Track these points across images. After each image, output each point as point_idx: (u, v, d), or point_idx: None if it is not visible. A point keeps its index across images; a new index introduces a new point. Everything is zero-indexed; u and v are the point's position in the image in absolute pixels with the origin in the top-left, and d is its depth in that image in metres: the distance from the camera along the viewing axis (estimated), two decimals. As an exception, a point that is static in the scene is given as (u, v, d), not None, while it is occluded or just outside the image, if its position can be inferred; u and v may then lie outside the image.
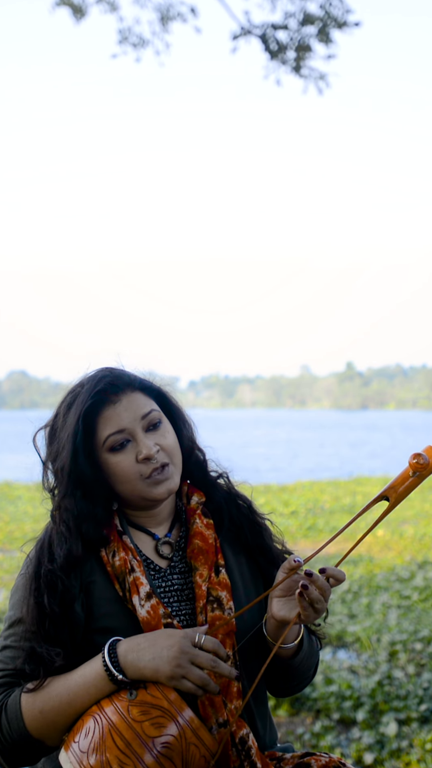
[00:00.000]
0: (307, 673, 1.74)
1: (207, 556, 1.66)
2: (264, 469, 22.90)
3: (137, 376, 1.70)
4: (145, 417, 1.64)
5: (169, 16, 8.10)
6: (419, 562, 7.67)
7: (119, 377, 1.67)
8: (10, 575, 7.44)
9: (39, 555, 1.62)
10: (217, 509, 1.74)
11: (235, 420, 76.25)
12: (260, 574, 1.74)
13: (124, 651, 1.49)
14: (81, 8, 7.86)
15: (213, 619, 1.60)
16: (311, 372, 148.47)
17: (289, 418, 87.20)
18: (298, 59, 7.47)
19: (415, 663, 4.53)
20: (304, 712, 3.94)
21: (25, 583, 1.60)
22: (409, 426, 61.39)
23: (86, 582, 1.60)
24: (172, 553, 1.69)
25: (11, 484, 16.60)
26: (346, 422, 74.08)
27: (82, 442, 1.62)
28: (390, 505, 1.58)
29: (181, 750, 1.42)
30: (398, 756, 3.38)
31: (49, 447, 1.69)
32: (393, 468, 22.53)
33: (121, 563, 1.60)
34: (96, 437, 1.63)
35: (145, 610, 1.56)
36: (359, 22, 7.43)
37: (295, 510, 11.65)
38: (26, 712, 1.51)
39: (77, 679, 1.50)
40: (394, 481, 1.59)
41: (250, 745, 1.56)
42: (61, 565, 1.58)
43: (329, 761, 1.61)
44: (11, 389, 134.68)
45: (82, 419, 1.62)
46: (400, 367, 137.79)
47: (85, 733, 1.44)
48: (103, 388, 1.64)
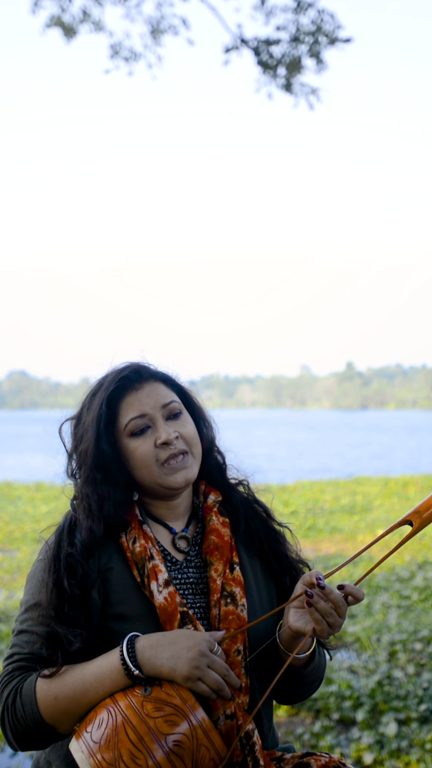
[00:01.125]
0: (313, 684, 1.76)
1: (222, 552, 1.69)
2: (267, 470, 22.87)
3: (160, 370, 1.76)
4: (166, 406, 1.69)
5: (160, 29, 8.11)
6: (419, 562, 7.67)
7: (144, 368, 1.73)
8: (10, 575, 7.44)
9: (59, 539, 1.64)
10: (233, 511, 1.77)
11: (236, 420, 76.21)
12: (273, 578, 1.76)
13: (143, 647, 1.50)
14: (72, 28, 7.91)
15: (226, 614, 1.62)
16: (311, 372, 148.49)
17: (289, 418, 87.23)
18: (289, 77, 7.51)
19: (415, 663, 4.53)
20: (303, 712, 3.94)
21: (44, 566, 1.61)
22: (411, 427, 61.30)
23: (104, 568, 1.62)
24: (189, 548, 1.71)
25: (11, 484, 16.60)
26: (347, 422, 74.07)
27: (105, 426, 1.66)
28: (413, 530, 1.58)
29: (192, 750, 1.42)
30: (398, 756, 3.38)
31: (74, 434, 1.73)
32: (394, 468, 22.52)
33: (141, 550, 1.62)
34: (118, 422, 1.68)
35: (163, 597, 1.58)
36: (350, 38, 7.44)
37: (295, 510, 11.65)
38: (41, 697, 1.52)
39: (93, 670, 1.51)
40: (419, 506, 1.59)
41: (255, 741, 1.57)
42: (81, 549, 1.60)
43: (329, 761, 1.62)
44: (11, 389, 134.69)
45: (105, 403, 1.67)
46: (400, 367, 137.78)
47: (98, 724, 1.45)
48: (128, 375, 1.70)
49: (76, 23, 7.89)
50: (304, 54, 7.44)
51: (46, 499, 13.65)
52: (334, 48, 7.40)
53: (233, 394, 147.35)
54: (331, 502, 12.74)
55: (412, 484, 15.03)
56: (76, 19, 7.88)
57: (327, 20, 7.36)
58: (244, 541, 1.76)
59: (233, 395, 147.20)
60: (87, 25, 7.93)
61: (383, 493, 13.82)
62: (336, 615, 1.55)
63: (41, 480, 17.70)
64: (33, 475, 20.02)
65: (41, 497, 13.97)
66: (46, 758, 1.66)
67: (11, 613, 5.83)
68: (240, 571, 1.69)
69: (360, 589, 1.58)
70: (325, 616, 1.54)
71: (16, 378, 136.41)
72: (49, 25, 7.87)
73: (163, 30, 8.10)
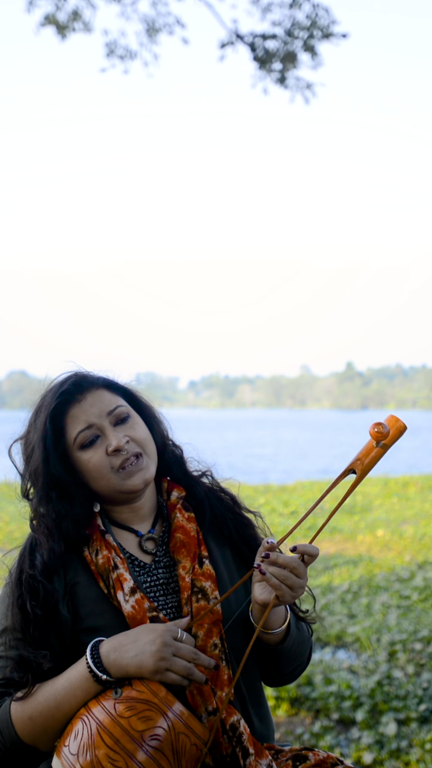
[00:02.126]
0: (299, 659, 1.74)
1: (189, 548, 1.68)
2: (270, 470, 22.76)
3: (101, 376, 1.74)
4: (111, 412, 1.68)
5: (155, 28, 8.13)
6: (419, 562, 7.67)
7: (83, 377, 1.71)
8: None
9: (20, 563, 1.64)
10: (199, 504, 1.76)
11: (236, 420, 76.14)
12: (245, 565, 1.75)
13: (107, 651, 1.50)
14: (65, 27, 7.93)
15: (198, 610, 1.62)
16: (311, 372, 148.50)
17: (289, 418, 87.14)
18: (284, 70, 7.53)
19: (415, 663, 4.53)
20: (303, 712, 3.94)
21: (9, 591, 1.62)
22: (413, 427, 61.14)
23: (70, 584, 1.62)
24: (156, 549, 1.71)
25: (11, 484, 16.52)
26: (348, 423, 74.01)
27: (52, 443, 1.65)
28: (357, 477, 1.58)
29: (171, 741, 1.42)
30: (398, 756, 3.39)
31: (23, 454, 1.72)
32: (395, 468, 22.50)
33: (104, 561, 1.62)
34: (66, 437, 1.67)
35: (130, 605, 1.58)
36: (346, 34, 7.46)
37: (295, 510, 11.65)
38: (16, 720, 1.52)
39: (63, 683, 1.51)
40: (359, 453, 1.59)
41: (242, 731, 1.56)
42: (42, 569, 1.60)
43: (327, 757, 1.62)
44: (11, 389, 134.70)
45: (50, 420, 1.66)
46: (400, 367, 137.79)
47: (75, 736, 1.45)
48: (68, 389, 1.68)
49: (69, 22, 7.90)
50: (298, 48, 7.46)
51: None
52: (329, 42, 7.42)
53: (233, 394, 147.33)
54: (331, 502, 12.72)
55: (412, 484, 15.02)
56: (69, 18, 7.89)
57: (322, 15, 7.39)
58: (212, 531, 1.75)
59: (233, 395, 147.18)
60: (78, 25, 7.94)
61: (383, 493, 13.81)
62: (294, 576, 1.53)
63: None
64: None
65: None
66: None
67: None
68: (210, 564, 1.68)
69: (314, 546, 1.56)
70: (282, 580, 1.52)
71: (16, 378, 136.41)
72: (44, 24, 7.87)
73: (158, 29, 8.11)
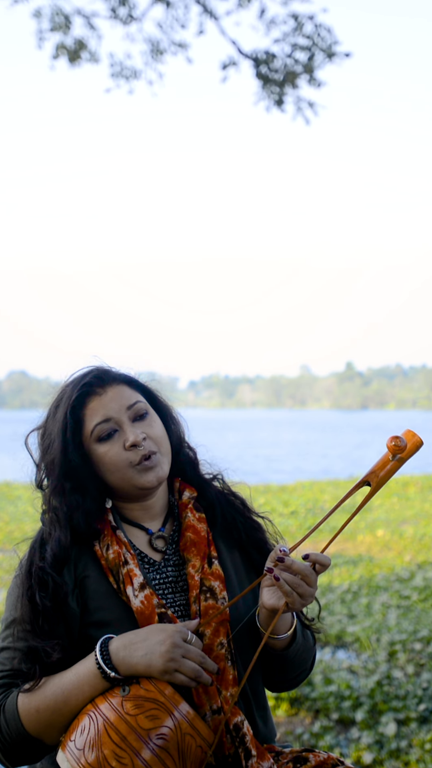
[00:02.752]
0: (303, 666, 1.75)
1: (199, 547, 1.69)
2: (271, 471, 22.68)
3: (122, 372, 1.76)
4: (131, 407, 1.69)
5: (159, 50, 8.26)
6: (419, 562, 7.67)
7: (105, 372, 1.73)
8: (9, 575, 7.44)
9: (31, 555, 1.65)
10: (210, 505, 1.77)
11: (236, 420, 76.09)
12: (254, 568, 1.76)
13: (116, 648, 1.51)
14: (76, 54, 8.12)
15: (206, 609, 1.63)
16: (311, 372, 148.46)
17: (290, 419, 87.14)
18: (281, 93, 7.59)
19: (415, 663, 4.54)
20: (303, 712, 3.94)
21: (19, 582, 1.63)
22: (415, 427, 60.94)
23: (80, 577, 1.63)
24: (166, 547, 1.72)
25: (11, 484, 16.59)
26: (349, 423, 73.97)
27: (71, 434, 1.66)
28: (371, 489, 1.58)
29: (177, 740, 1.43)
30: (397, 756, 3.39)
31: (40, 444, 1.73)
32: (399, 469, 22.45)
33: (114, 556, 1.62)
34: (84, 429, 1.68)
35: (139, 600, 1.59)
36: (349, 53, 7.49)
37: (295, 510, 11.65)
38: (23, 711, 1.53)
39: (71, 678, 1.52)
40: (374, 465, 1.59)
41: (245, 732, 1.57)
42: (51, 562, 1.61)
43: (327, 758, 1.63)
44: (11, 389, 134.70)
45: (70, 412, 1.67)
46: (400, 367, 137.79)
47: (81, 731, 1.46)
48: (90, 381, 1.70)
49: (77, 49, 8.11)
50: (300, 70, 7.51)
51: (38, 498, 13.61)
52: (331, 63, 7.48)
53: (233, 394, 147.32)
54: (331, 502, 12.74)
55: (412, 484, 15.03)
56: (76, 47, 8.10)
57: (324, 35, 7.43)
58: (222, 534, 1.76)
59: (233, 395, 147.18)
60: (84, 54, 8.14)
61: (383, 493, 13.80)
62: (305, 585, 1.54)
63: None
64: (30, 476, 19.95)
65: (41, 497, 13.93)
66: (41, 766, 1.67)
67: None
68: (219, 565, 1.69)
69: (326, 555, 1.57)
70: (294, 588, 1.53)
71: (16, 378, 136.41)
72: (56, 57, 8.16)
73: (162, 50, 8.24)
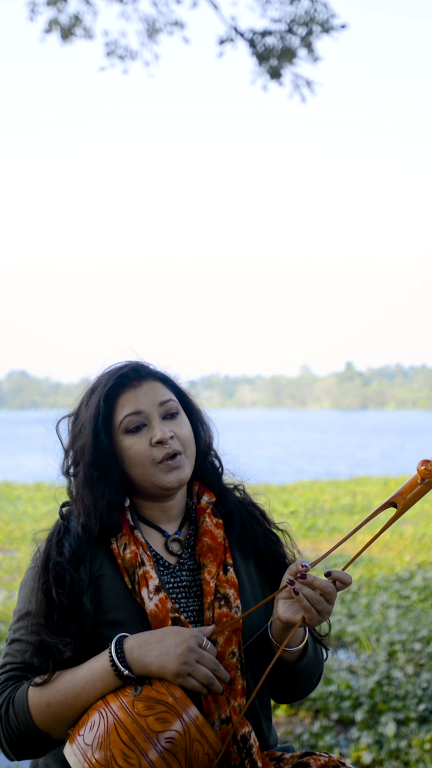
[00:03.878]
0: (310, 680, 1.75)
1: (216, 554, 1.69)
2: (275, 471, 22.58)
3: (159, 370, 1.76)
4: (163, 404, 1.69)
5: (155, 29, 8.15)
6: (419, 562, 7.67)
7: (143, 366, 1.74)
8: (9, 575, 7.44)
9: (48, 548, 1.64)
10: (228, 513, 1.76)
11: (236, 421, 75.98)
12: (268, 581, 1.76)
13: (131, 647, 1.50)
14: (68, 30, 7.96)
15: (220, 616, 1.62)
16: (311, 372, 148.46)
17: (290, 419, 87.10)
18: (278, 67, 7.53)
19: (414, 663, 4.54)
20: (302, 712, 3.94)
21: (34, 575, 1.62)
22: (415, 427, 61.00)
23: (95, 576, 1.62)
24: (182, 551, 1.71)
25: (11, 484, 16.60)
26: (350, 423, 73.89)
27: (102, 422, 1.66)
28: (398, 512, 1.57)
29: (185, 746, 1.43)
30: (397, 756, 3.39)
31: (71, 431, 1.73)
32: (395, 469, 22.48)
33: (131, 556, 1.62)
34: (114, 418, 1.68)
35: (154, 603, 1.58)
36: (345, 24, 7.46)
37: (295, 510, 11.65)
38: (33, 705, 1.52)
39: (84, 674, 1.52)
40: (402, 488, 1.58)
41: (252, 743, 1.57)
42: (70, 557, 1.60)
43: (328, 761, 1.63)
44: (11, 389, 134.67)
45: (103, 399, 1.67)
46: (400, 367, 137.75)
47: (90, 727, 1.46)
48: (126, 373, 1.70)
49: (71, 27, 7.93)
50: (297, 45, 7.47)
51: (46, 499, 13.64)
52: (328, 36, 7.44)
53: (233, 394, 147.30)
54: (330, 502, 12.74)
55: (412, 484, 15.02)
56: (71, 23, 7.92)
57: (320, 9, 7.40)
58: (238, 543, 1.75)
59: (233, 395, 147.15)
60: (79, 31, 7.97)
61: (383, 493, 13.82)
62: (325, 602, 1.53)
63: (41, 480, 17.68)
64: (33, 476, 19.99)
65: (41, 497, 13.96)
66: (44, 762, 1.66)
67: (11, 614, 5.83)
68: (234, 573, 1.68)
69: (347, 574, 1.57)
70: (314, 604, 1.53)
71: (16, 378, 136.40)
72: (48, 30, 7.91)
73: (158, 29, 8.12)
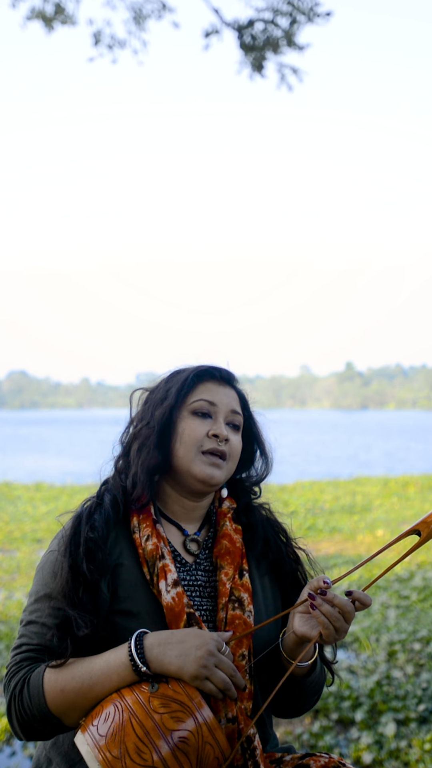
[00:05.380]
0: (312, 697, 1.77)
1: (233, 557, 1.71)
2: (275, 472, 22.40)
3: (243, 390, 1.82)
4: (234, 413, 1.75)
5: (143, 15, 8.09)
6: (418, 562, 7.67)
7: (233, 375, 1.80)
8: (9, 575, 7.44)
9: (77, 524, 1.65)
10: (252, 526, 1.80)
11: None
12: (282, 598, 1.78)
13: (151, 644, 1.50)
14: (51, 19, 7.86)
15: (233, 618, 1.64)
16: (311, 372, 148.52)
17: (290, 419, 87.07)
18: (261, 59, 7.51)
19: (414, 663, 4.53)
20: (303, 712, 3.94)
21: (60, 550, 1.62)
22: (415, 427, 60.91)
23: (114, 564, 1.63)
24: (199, 551, 1.73)
25: (11, 484, 16.59)
26: (351, 423, 73.83)
27: (183, 396, 1.72)
28: (421, 540, 1.60)
29: (197, 747, 1.43)
30: (397, 756, 3.38)
31: (148, 399, 1.76)
32: (395, 469, 22.47)
33: (153, 548, 1.63)
34: (189, 398, 1.73)
35: (171, 596, 1.59)
36: (330, 12, 7.41)
37: (295, 510, 11.64)
38: (48, 688, 1.53)
39: (101, 664, 1.52)
40: (427, 516, 1.61)
41: (256, 745, 1.58)
42: (101, 534, 1.62)
43: (328, 761, 1.63)
44: (11, 389, 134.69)
45: (192, 377, 1.73)
46: (400, 367, 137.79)
47: (105, 719, 1.46)
48: (219, 369, 1.78)
49: (55, 14, 7.84)
50: (281, 35, 7.43)
51: (46, 499, 13.65)
52: (313, 24, 7.40)
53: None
54: (330, 502, 12.74)
55: (412, 484, 15.03)
56: (54, 10, 7.83)
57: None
58: (257, 557, 1.78)
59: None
60: (62, 18, 7.87)
61: (383, 493, 13.82)
62: (343, 620, 1.56)
63: (41, 480, 17.70)
64: (33, 476, 20.00)
65: (41, 497, 13.96)
66: (47, 755, 1.66)
67: (11, 614, 5.82)
68: (248, 579, 1.70)
69: (368, 595, 1.60)
70: (332, 621, 1.56)
71: (16, 378, 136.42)
72: (30, 18, 7.81)
73: (146, 15, 8.05)
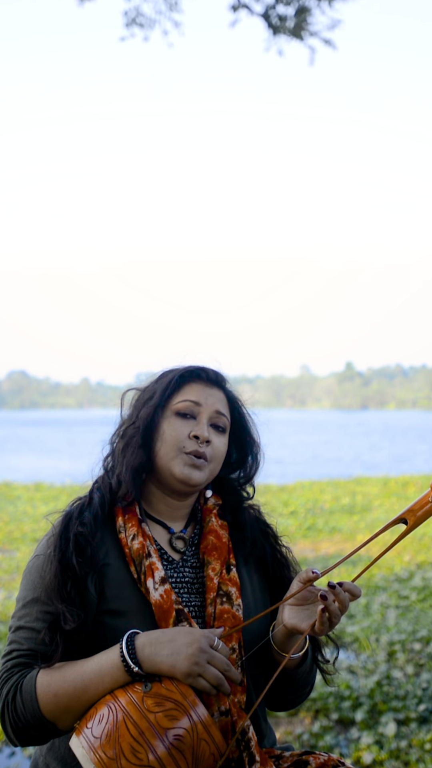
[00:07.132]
0: (303, 689, 1.77)
1: (220, 552, 1.71)
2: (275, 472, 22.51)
3: (233, 391, 1.81)
4: (218, 414, 1.74)
5: None
6: (418, 562, 7.67)
7: (221, 376, 1.79)
8: (9, 575, 7.44)
9: (66, 522, 1.65)
10: (241, 526, 1.79)
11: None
12: (269, 593, 1.79)
13: (142, 644, 1.50)
14: None
15: (221, 612, 1.64)
16: (311, 372, 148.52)
17: (290, 419, 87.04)
18: (298, 25, 7.41)
19: (414, 663, 4.54)
20: (302, 712, 3.94)
21: (49, 544, 1.63)
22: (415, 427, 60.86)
23: (101, 564, 1.63)
24: (185, 548, 1.74)
25: (11, 485, 16.59)
26: (352, 423, 73.80)
27: (168, 397, 1.72)
28: (407, 528, 1.59)
29: (192, 744, 1.43)
30: (397, 756, 3.39)
31: (139, 399, 1.77)
32: (395, 469, 22.47)
33: (139, 547, 1.63)
34: (174, 398, 1.73)
35: (159, 594, 1.60)
36: None
37: (295, 510, 11.65)
38: (41, 693, 1.53)
39: (93, 667, 1.52)
40: (413, 504, 1.60)
41: (250, 737, 1.58)
42: (90, 529, 1.62)
43: (328, 760, 1.64)
44: (11, 389, 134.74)
45: (177, 378, 1.73)
46: (400, 367, 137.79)
47: (99, 720, 1.46)
48: (207, 370, 1.77)
49: None
50: (313, 4, 7.37)
51: (46, 499, 13.65)
52: (342, 2, 7.33)
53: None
54: (330, 502, 12.74)
55: (412, 484, 15.03)
56: None
57: None
58: (244, 555, 1.78)
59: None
60: None
61: (383, 493, 13.82)
62: (339, 612, 1.57)
63: (40, 480, 17.70)
64: (32, 476, 20.00)
65: (40, 497, 13.96)
66: (44, 760, 1.66)
67: (10, 614, 5.82)
68: (236, 573, 1.70)
69: (357, 586, 1.59)
70: (332, 617, 1.56)
71: (16, 378, 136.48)
72: None
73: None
